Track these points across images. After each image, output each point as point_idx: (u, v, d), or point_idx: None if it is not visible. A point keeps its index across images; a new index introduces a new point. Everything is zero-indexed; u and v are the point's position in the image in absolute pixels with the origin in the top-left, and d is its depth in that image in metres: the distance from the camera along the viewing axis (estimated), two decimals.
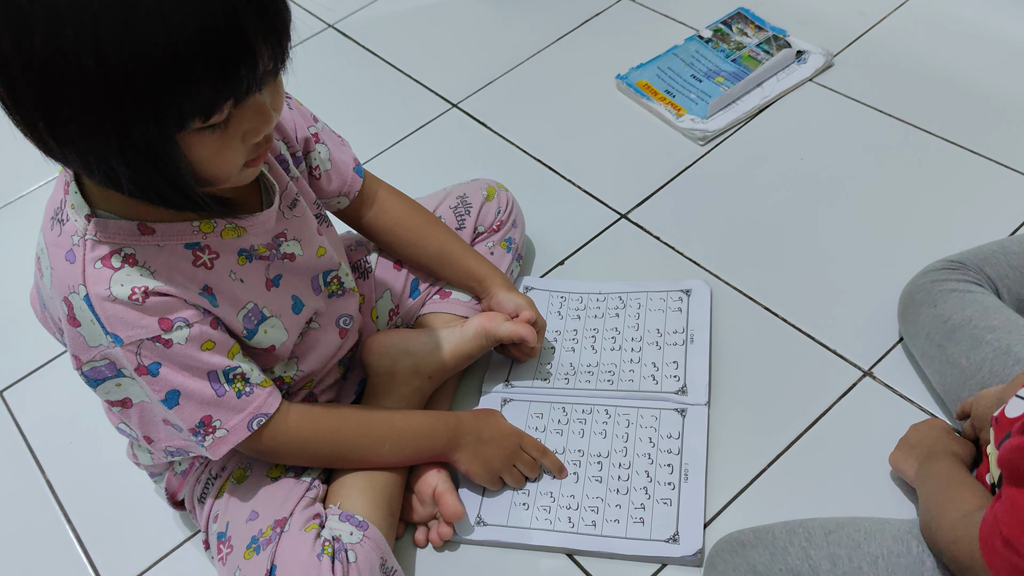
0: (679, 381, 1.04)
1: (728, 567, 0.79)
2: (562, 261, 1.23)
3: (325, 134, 0.97)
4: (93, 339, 0.76)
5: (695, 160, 1.32)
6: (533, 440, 0.98)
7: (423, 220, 1.06)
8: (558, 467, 0.98)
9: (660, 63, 1.46)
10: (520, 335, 1.00)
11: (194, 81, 0.60)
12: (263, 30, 0.62)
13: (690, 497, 0.94)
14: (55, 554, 1.04)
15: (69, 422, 1.17)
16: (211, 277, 0.79)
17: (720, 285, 1.15)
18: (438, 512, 0.94)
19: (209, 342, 0.78)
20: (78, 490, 1.10)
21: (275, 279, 0.86)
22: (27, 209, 1.51)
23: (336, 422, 0.90)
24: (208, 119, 0.64)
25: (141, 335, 0.74)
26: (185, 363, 0.77)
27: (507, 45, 1.60)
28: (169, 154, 0.65)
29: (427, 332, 1.03)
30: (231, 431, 0.81)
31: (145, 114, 0.61)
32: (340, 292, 0.95)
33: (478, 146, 1.43)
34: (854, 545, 0.76)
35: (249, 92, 0.65)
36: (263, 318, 0.84)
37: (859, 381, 1.02)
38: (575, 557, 0.93)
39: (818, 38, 1.45)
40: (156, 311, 0.75)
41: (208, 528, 0.92)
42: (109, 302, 0.73)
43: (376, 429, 0.91)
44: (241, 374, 0.80)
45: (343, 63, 1.66)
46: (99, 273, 0.73)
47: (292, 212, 0.87)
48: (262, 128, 0.70)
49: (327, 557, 0.82)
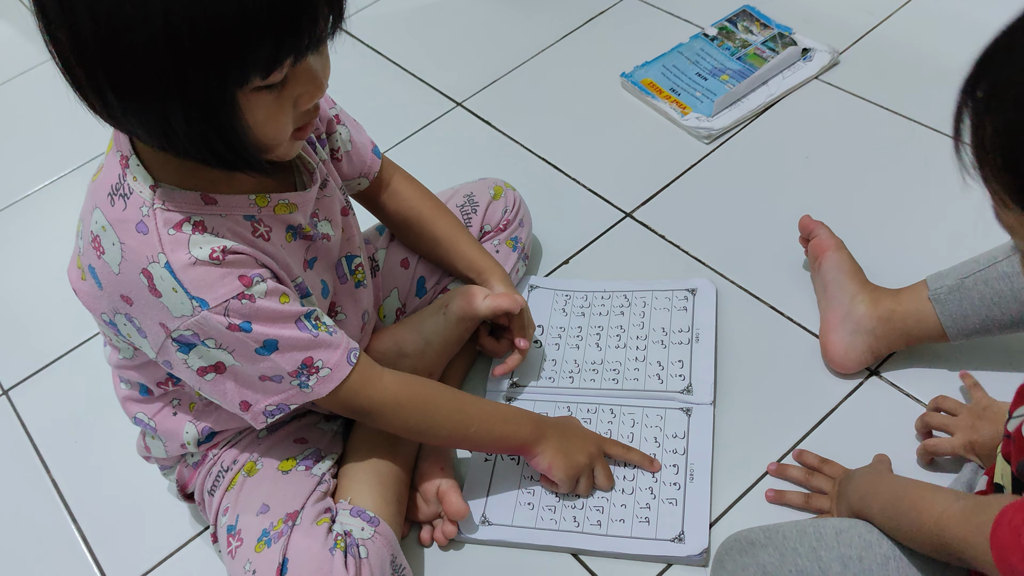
0: (684, 380, 1.03)
1: (737, 567, 0.78)
2: (567, 260, 1.23)
3: (344, 116, 0.98)
4: (176, 308, 0.75)
5: (700, 158, 1.32)
6: (615, 441, 0.98)
7: (433, 206, 1.07)
8: (647, 460, 0.97)
9: (665, 61, 1.46)
10: (503, 307, 1.00)
11: (258, 36, 0.63)
12: None
13: (696, 497, 0.93)
14: (60, 553, 1.04)
15: (74, 421, 1.17)
16: (269, 248, 0.80)
17: (725, 284, 1.15)
18: (442, 511, 0.94)
19: (284, 295, 0.79)
20: (83, 489, 1.10)
21: (311, 261, 0.87)
22: (28, 210, 1.51)
23: (430, 391, 0.90)
24: (267, 76, 0.66)
25: (226, 294, 0.75)
26: (271, 315, 0.77)
27: (512, 43, 1.60)
28: (228, 111, 0.66)
29: (415, 329, 1.02)
30: (334, 368, 0.81)
31: (208, 68, 0.63)
32: (366, 284, 0.96)
33: (482, 145, 1.43)
34: (865, 545, 0.75)
35: (308, 48, 0.67)
36: (307, 294, 0.85)
37: (865, 381, 1.02)
38: (580, 557, 0.93)
39: (824, 35, 1.44)
40: (237, 266, 0.76)
41: (217, 521, 0.92)
42: (191, 266, 0.74)
43: (466, 407, 0.91)
44: (318, 316, 0.81)
45: (348, 62, 1.65)
46: (175, 239, 0.74)
47: (323, 192, 0.88)
48: (315, 93, 0.72)
49: (340, 552, 0.81)
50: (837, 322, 1.00)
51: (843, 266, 1.03)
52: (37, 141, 1.62)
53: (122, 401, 0.95)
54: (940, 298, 0.94)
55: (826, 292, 1.03)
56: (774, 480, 0.95)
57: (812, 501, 0.91)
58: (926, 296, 0.95)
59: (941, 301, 0.94)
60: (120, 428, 0.97)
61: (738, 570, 0.78)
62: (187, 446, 0.92)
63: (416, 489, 0.96)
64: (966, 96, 0.55)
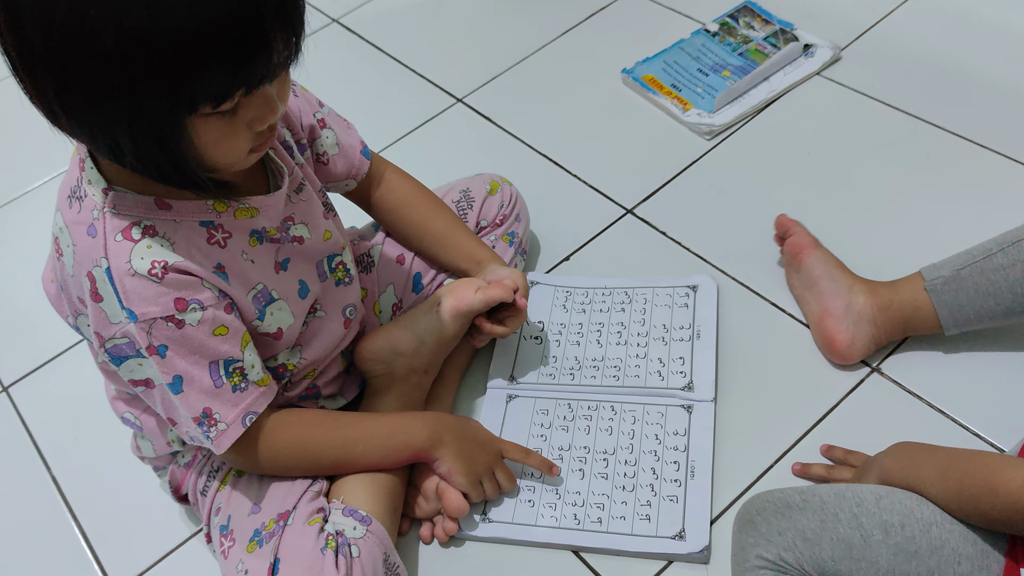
0: (685, 377, 1.03)
1: (772, 529, 0.75)
2: (568, 256, 1.22)
3: (331, 119, 0.97)
4: (113, 315, 0.76)
5: (702, 155, 1.32)
6: (513, 444, 0.96)
7: (428, 201, 1.07)
8: (546, 465, 0.96)
9: (666, 57, 1.45)
10: (495, 297, 0.98)
11: (209, 67, 0.62)
12: (281, 22, 0.64)
13: (696, 494, 0.93)
14: (60, 550, 1.04)
15: (74, 418, 1.17)
16: (224, 256, 0.79)
17: (727, 280, 1.14)
18: (442, 508, 0.94)
19: (222, 327, 0.78)
20: (83, 486, 1.10)
21: (283, 263, 0.86)
22: (29, 206, 1.51)
23: (306, 428, 0.89)
24: (218, 106, 0.65)
25: (156, 313, 0.75)
26: (192, 347, 0.77)
27: (512, 40, 1.60)
28: (176, 135, 0.66)
29: (408, 327, 1.01)
30: (229, 425, 0.80)
31: (158, 95, 0.62)
32: (348, 281, 0.95)
33: (483, 141, 1.43)
34: (907, 511, 0.73)
35: (261, 82, 0.67)
36: (271, 300, 0.84)
37: (867, 377, 1.01)
38: (581, 554, 0.93)
39: (825, 31, 1.44)
40: (174, 288, 0.75)
41: (210, 521, 0.92)
42: (128, 276, 0.73)
43: (348, 431, 0.90)
44: (240, 368, 0.80)
45: (348, 58, 1.66)
46: (120, 246, 0.74)
47: (299, 196, 0.88)
48: (268, 117, 0.71)
49: (331, 551, 0.81)
50: (840, 314, 1.00)
51: (829, 261, 1.04)
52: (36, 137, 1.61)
53: (111, 401, 0.95)
54: (936, 289, 0.95)
55: (816, 287, 1.03)
56: (775, 478, 0.95)
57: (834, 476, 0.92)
58: (922, 287, 0.96)
59: (937, 292, 0.95)
60: (120, 425, 0.97)
61: (773, 533, 0.75)
62: (172, 444, 0.93)
63: (416, 486, 0.96)
64: None
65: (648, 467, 0.97)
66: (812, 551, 0.73)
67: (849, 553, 0.72)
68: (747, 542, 0.77)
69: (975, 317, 0.94)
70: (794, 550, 0.74)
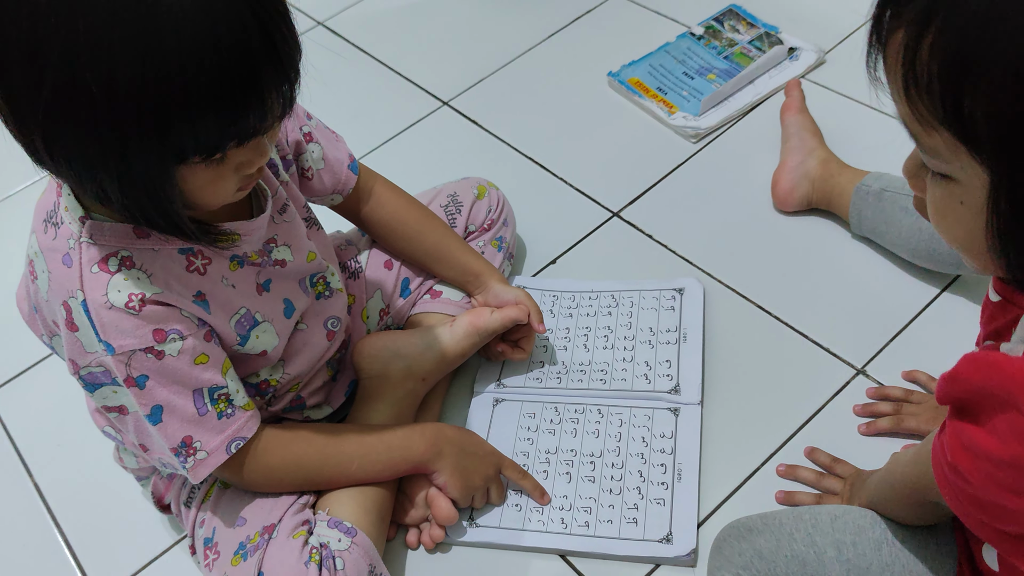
0: (672, 380, 1.03)
1: (734, 552, 0.79)
2: (554, 260, 1.22)
3: (319, 132, 0.96)
4: (89, 345, 0.75)
5: (687, 158, 1.32)
6: (513, 463, 0.96)
7: (420, 215, 1.06)
8: (539, 492, 0.95)
9: (652, 60, 1.46)
10: (512, 317, 0.99)
11: (202, 121, 0.61)
12: (276, 79, 0.64)
13: (684, 497, 0.93)
14: (43, 557, 1.03)
15: (57, 425, 1.16)
16: (204, 283, 0.78)
17: (713, 284, 1.14)
18: (430, 515, 0.94)
19: (203, 356, 0.77)
20: (66, 493, 1.09)
21: (265, 284, 0.85)
22: (13, 211, 1.50)
23: (301, 445, 0.88)
24: (208, 158, 0.65)
25: (134, 345, 0.74)
26: (174, 377, 0.76)
27: (498, 42, 1.60)
28: (164, 184, 0.65)
29: (418, 333, 1.01)
30: (211, 453, 0.80)
31: (147, 147, 0.62)
32: (328, 294, 0.94)
33: (469, 144, 1.43)
34: (858, 531, 0.75)
35: (254, 135, 0.66)
36: (255, 323, 0.83)
37: (852, 379, 1.02)
38: (568, 558, 0.93)
39: (810, 35, 1.44)
40: (152, 320, 0.74)
41: (195, 533, 0.91)
42: (105, 309, 0.73)
43: (343, 447, 0.89)
44: (226, 395, 0.79)
45: (333, 61, 1.65)
46: (96, 278, 0.73)
47: (282, 217, 0.87)
48: (257, 161, 0.71)
49: (314, 565, 0.81)
50: (792, 166, 1.17)
51: (806, 125, 1.22)
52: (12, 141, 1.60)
53: (91, 413, 0.95)
54: (860, 192, 1.09)
55: (787, 143, 1.21)
56: (762, 481, 0.95)
57: (824, 502, 0.91)
58: (855, 185, 1.09)
59: (860, 195, 1.09)
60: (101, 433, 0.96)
61: (734, 555, 0.78)
62: None
63: (404, 492, 0.95)
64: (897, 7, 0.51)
65: (635, 470, 0.96)
66: (768, 568, 0.76)
67: (803, 570, 0.75)
68: (713, 566, 0.81)
69: (872, 231, 1.09)
70: (750, 568, 0.76)
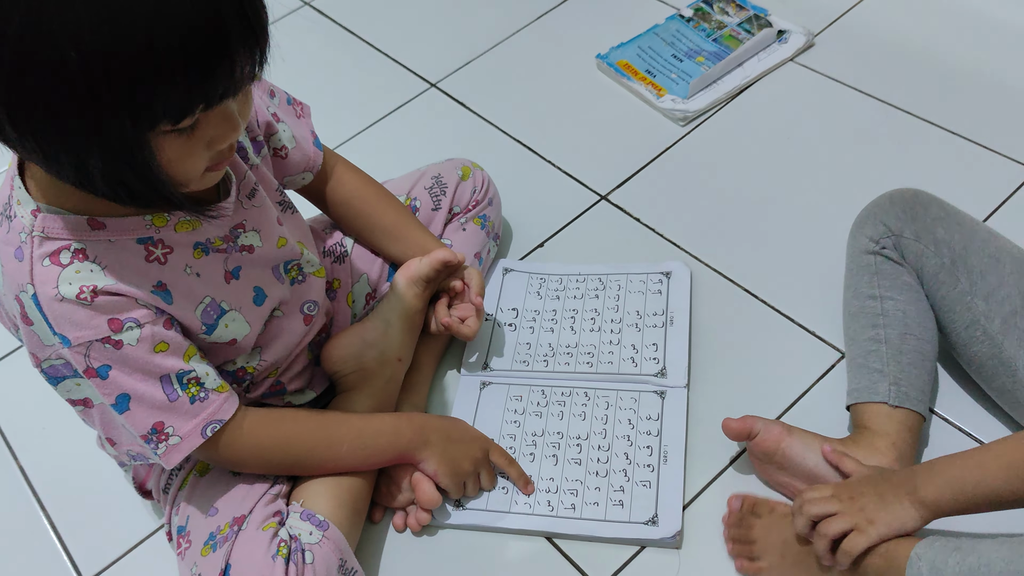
0: (659, 363, 1.03)
1: None
2: (542, 243, 1.22)
3: (282, 110, 0.95)
4: (46, 338, 0.74)
5: (676, 141, 1.32)
6: (501, 449, 0.96)
7: (379, 193, 1.06)
8: (524, 481, 0.95)
9: (641, 42, 1.45)
10: (439, 259, 0.98)
11: (171, 82, 0.60)
12: (244, 38, 0.62)
13: (669, 479, 0.94)
14: (29, 540, 1.03)
15: (42, 408, 1.14)
16: (165, 273, 0.77)
17: (700, 267, 1.15)
18: (415, 499, 0.94)
19: (163, 344, 0.76)
20: (51, 476, 1.09)
21: (234, 271, 0.84)
22: None
23: (291, 426, 0.88)
24: (178, 122, 0.63)
25: (90, 336, 0.73)
26: (136, 366, 0.75)
27: (487, 24, 1.59)
28: (142, 150, 0.64)
29: (372, 316, 1.01)
30: (184, 438, 0.79)
31: (119, 111, 0.60)
32: (301, 279, 0.92)
33: (457, 126, 1.42)
34: None
35: (223, 97, 0.65)
36: (222, 312, 0.82)
37: (838, 362, 1.02)
38: (554, 540, 0.93)
39: (799, 18, 1.44)
40: (106, 311, 0.73)
41: (171, 520, 0.91)
42: (57, 302, 0.71)
43: (333, 431, 0.89)
44: (196, 378, 0.78)
45: (319, 41, 1.64)
46: (47, 271, 0.71)
47: (251, 202, 0.85)
48: (228, 136, 0.69)
49: (281, 559, 0.80)
50: None
51: (810, 441, 0.89)
52: None
53: None
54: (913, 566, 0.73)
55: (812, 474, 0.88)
56: (748, 464, 0.95)
57: None
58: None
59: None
60: None
61: None
62: None
63: (391, 476, 0.95)
64: None
65: (621, 452, 0.97)
66: None
67: None
68: None
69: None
70: None
